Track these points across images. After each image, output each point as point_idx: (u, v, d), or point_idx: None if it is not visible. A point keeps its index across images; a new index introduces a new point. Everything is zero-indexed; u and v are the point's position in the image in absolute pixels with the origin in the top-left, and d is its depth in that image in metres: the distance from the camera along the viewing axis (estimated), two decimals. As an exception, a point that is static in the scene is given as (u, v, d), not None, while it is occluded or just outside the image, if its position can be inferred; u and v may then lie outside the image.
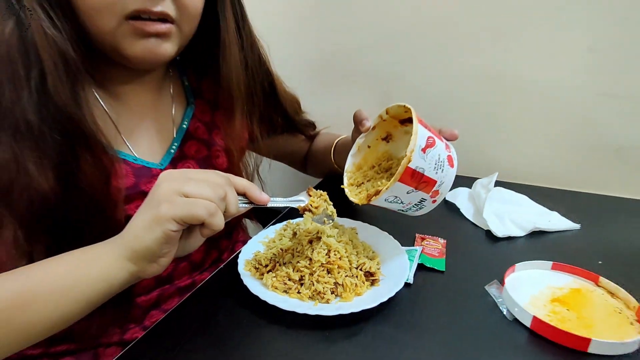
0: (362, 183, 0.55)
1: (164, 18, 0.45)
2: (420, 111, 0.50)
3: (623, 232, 0.64)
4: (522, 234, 0.62)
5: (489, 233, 0.63)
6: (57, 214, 0.43)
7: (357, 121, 0.58)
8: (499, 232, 0.62)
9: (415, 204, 0.50)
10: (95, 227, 0.44)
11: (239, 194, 0.43)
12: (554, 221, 0.66)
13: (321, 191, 0.51)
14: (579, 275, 0.51)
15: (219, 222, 0.39)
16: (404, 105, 0.52)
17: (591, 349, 0.39)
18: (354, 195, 0.52)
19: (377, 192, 0.48)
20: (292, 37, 0.95)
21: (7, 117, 0.40)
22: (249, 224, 0.76)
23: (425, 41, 0.84)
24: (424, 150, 0.47)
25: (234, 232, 0.66)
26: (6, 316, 0.36)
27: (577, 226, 0.65)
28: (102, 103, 0.50)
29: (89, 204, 0.44)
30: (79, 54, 0.43)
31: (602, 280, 0.49)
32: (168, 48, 0.47)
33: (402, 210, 0.52)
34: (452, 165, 0.50)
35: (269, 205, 0.44)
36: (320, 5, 0.90)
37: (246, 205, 0.43)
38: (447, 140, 0.53)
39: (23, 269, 0.39)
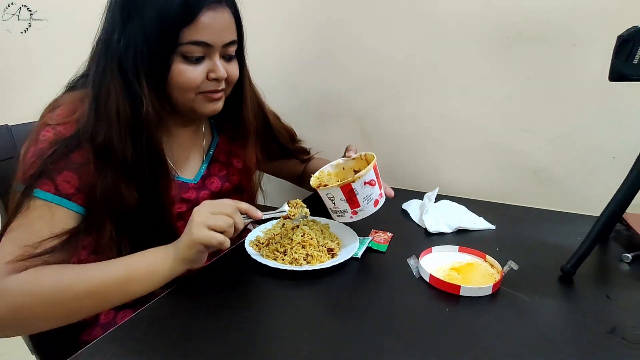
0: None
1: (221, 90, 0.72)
2: (388, 142, 0.75)
3: (528, 232, 0.87)
4: (449, 230, 0.86)
5: (426, 231, 0.87)
6: (137, 218, 0.67)
7: (347, 150, 0.83)
8: (431, 228, 0.86)
9: (340, 211, 0.73)
10: (159, 223, 0.70)
11: (242, 213, 0.65)
12: (477, 223, 0.90)
13: (298, 200, 0.75)
14: (475, 255, 0.74)
15: (227, 245, 0.61)
16: (373, 154, 0.76)
17: (462, 292, 0.63)
18: (313, 181, 0.76)
19: (325, 185, 0.73)
20: (291, 81, 1.23)
21: (112, 159, 0.63)
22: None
23: (392, 88, 1.11)
24: (365, 183, 0.71)
25: (242, 233, 0.92)
26: (103, 292, 0.59)
27: (492, 227, 0.88)
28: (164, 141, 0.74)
29: (159, 207, 0.69)
30: (165, 112, 0.69)
31: (488, 257, 0.73)
32: (221, 105, 0.74)
33: (331, 210, 0.75)
34: (375, 205, 0.73)
35: (263, 218, 0.69)
36: (310, 56, 1.19)
37: (247, 220, 0.66)
38: (385, 194, 0.77)
39: (116, 260, 0.62)
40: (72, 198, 0.62)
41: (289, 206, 0.74)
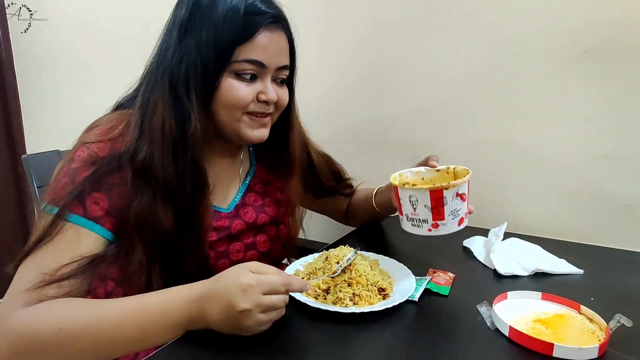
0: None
1: (269, 114, 0.68)
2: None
3: (623, 278, 0.70)
4: (524, 273, 0.72)
5: (495, 272, 0.73)
6: (170, 243, 0.62)
7: (429, 159, 0.73)
8: (502, 270, 0.72)
9: (418, 220, 0.63)
10: (194, 247, 0.64)
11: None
12: (559, 266, 0.74)
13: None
14: (565, 305, 0.60)
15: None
16: (467, 169, 0.67)
17: (555, 353, 0.48)
18: (396, 178, 0.67)
19: (414, 185, 0.63)
20: (336, 108, 1.17)
21: (152, 178, 0.59)
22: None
23: (450, 112, 1.01)
24: (457, 194, 0.61)
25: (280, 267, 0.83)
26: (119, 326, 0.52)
27: (580, 271, 0.72)
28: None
29: (194, 233, 0.64)
30: (211, 132, 0.65)
31: (583, 308, 0.57)
32: (267, 132, 0.69)
33: (406, 217, 0.65)
34: (459, 224, 0.63)
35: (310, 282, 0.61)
36: (359, 83, 1.13)
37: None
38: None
39: (130, 313, 0.53)
40: (99, 221, 0.59)
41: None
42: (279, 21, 0.65)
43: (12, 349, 0.50)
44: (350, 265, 0.64)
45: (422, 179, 0.73)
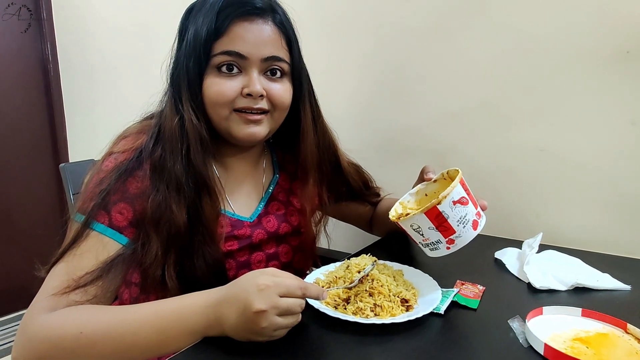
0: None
1: (261, 111, 0.66)
2: (474, 180, 0.63)
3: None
4: (562, 288, 0.66)
5: (530, 286, 0.68)
6: (184, 239, 0.63)
7: (424, 172, 0.72)
8: (537, 283, 0.67)
9: (432, 242, 0.60)
10: (207, 250, 0.64)
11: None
12: (602, 280, 0.68)
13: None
14: (609, 322, 0.54)
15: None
16: (457, 169, 0.64)
17: (597, 375, 0.44)
18: (393, 214, 0.65)
19: (407, 215, 0.60)
20: (362, 116, 1.16)
21: (165, 174, 0.62)
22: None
23: (480, 118, 0.97)
24: (454, 202, 0.58)
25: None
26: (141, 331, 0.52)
27: (626, 287, 0.66)
28: (216, 171, 0.70)
29: (204, 232, 0.64)
30: (208, 136, 0.66)
31: (631, 327, 0.52)
32: (262, 131, 0.67)
33: (421, 245, 0.62)
34: (474, 228, 0.60)
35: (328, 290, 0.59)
36: (383, 91, 1.11)
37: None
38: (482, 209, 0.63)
39: (150, 317, 0.53)
40: (123, 231, 0.61)
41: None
42: (261, 12, 0.64)
43: (35, 352, 0.51)
44: (368, 276, 0.62)
45: (426, 195, 0.70)
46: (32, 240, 1.94)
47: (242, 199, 0.74)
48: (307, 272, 0.84)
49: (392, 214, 0.65)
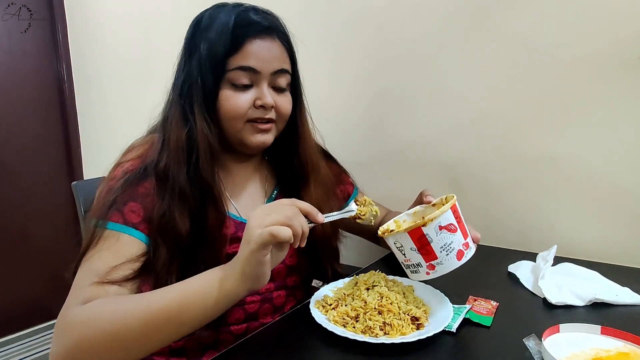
0: None
1: (269, 120, 0.70)
2: (484, 191, 0.62)
3: None
4: (580, 303, 0.64)
5: (545, 301, 0.66)
6: (187, 246, 0.64)
7: (423, 194, 0.72)
8: (553, 299, 0.64)
9: (412, 264, 0.59)
10: (209, 256, 0.64)
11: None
12: (622, 295, 0.66)
13: (365, 197, 0.65)
14: (630, 341, 0.52)
15: (297, 231, 0.53)
16: (453, 195, 0.62)
17: (619, 399, 0.42)
18: (381, 229, 0.64)
19: (391, 231, 0.59)
20: (371, 133, 1.15)
21: (170, 183, 0.64)
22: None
23: (483, 130, 0.96)
24: (440, 227, 0.57)
25: (310, 287, 0.81)
26: (165, 318, 0.54)
27: (648, 301, 0.64)
28: (220, 178, 0.72)
29: (208, 239, 0.65)
30: (219, 145, 0.68)
31: (654, 346, 0.50)
32: (270, 138, 0.71)
33: (403, 265, 0.61)
34: (458, 259, 0.58)
35: (326, 220, 0.59)
36: (392, 105, 1.10)
37: (310, 225, 0.57)
38: (473, 240, 0.62)
39: (172, 287, 0.57)
40: (138, 227, 0.63)
41: (357, 204, 0.64)
42: (271, 30, 0.69)
43: (72, 337, 0.53)
44: (356, 215, 0.63)
45: (423, 218, 0.69)
46: (48, 257, 1.97)
47: (245, 201, 0.76)
48: (313, 284, 0.83)
49: (381, 229, 0.64)
